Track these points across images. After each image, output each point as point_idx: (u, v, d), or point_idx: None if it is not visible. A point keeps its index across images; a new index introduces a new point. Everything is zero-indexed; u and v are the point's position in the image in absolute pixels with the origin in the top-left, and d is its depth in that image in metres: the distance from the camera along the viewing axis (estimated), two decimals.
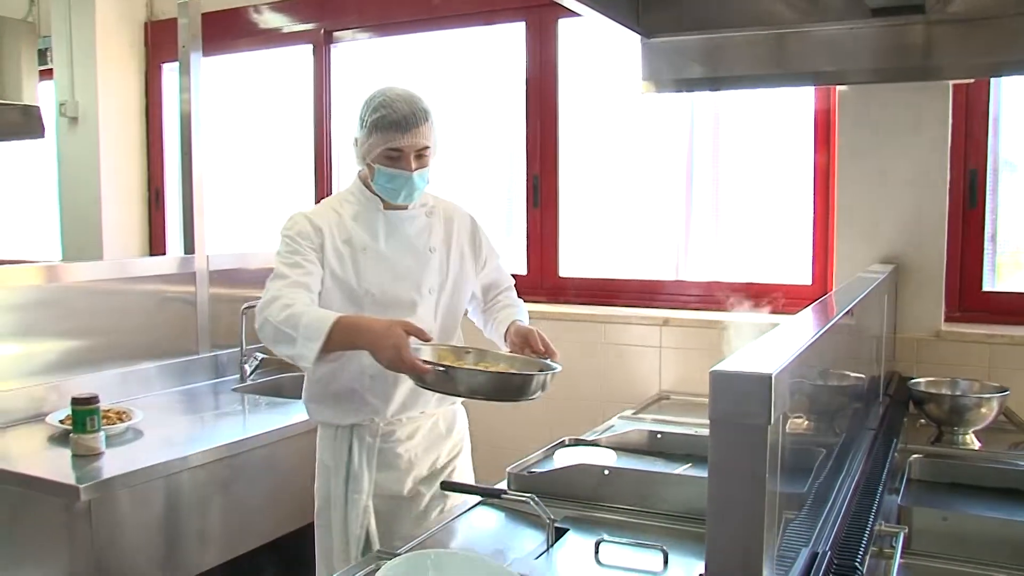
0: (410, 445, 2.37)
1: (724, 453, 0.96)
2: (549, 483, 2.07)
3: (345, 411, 2.32)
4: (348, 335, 2.05)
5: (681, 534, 1.88)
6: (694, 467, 2.29)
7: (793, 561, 1.22)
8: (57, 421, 2.87)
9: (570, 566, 1.73)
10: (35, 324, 3.08)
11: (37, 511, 2.46)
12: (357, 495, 2.31)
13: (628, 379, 3.32)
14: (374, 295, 2.26)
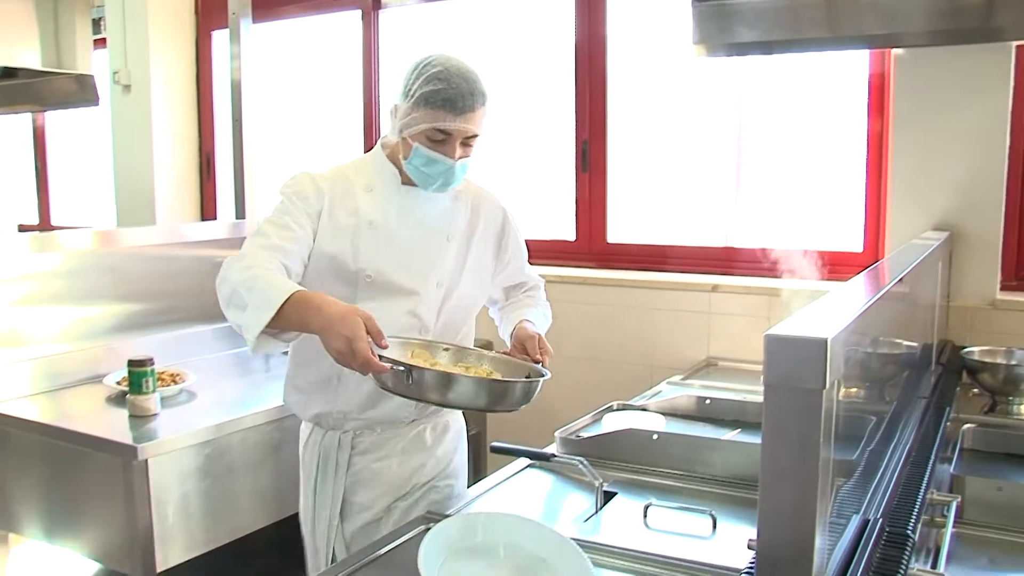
0: (384, 461, 2.07)
1: (778, 418, 0.95)
2: (598, 447, 2.07)
3: (316, 401, 2.07)
4: (300, 312, 1.71)
5: (729, 499, 1.88)
6: (743, 433, 2.29)
7: (844, 528, 1.21)
8: (114, 382, 2.93)
9: (618, 529, 1.74)
10: (91, 289, 3.13)
11: (95, 469, 2.51)
12: (323, 511, 2.09)
13: (676, 345, 3.30)
14: (371, 277, 1.97)
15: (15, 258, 2.90)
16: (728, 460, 1.96)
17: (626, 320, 3.40)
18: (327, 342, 1.67)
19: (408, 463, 2.09)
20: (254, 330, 1.73)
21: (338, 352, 1.65)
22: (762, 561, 0.99)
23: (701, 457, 1.99)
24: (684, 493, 1.92)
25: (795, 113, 3.34)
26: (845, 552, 1.22)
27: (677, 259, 3.49)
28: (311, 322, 1.70)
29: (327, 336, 1.67)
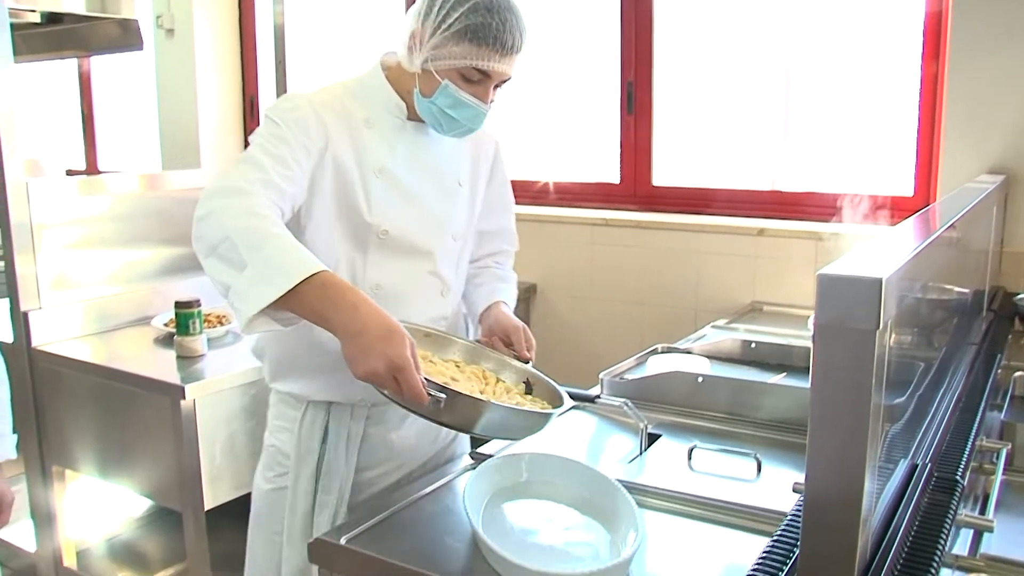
0: (403, 432, 1.84)
1: (829, 359, 0.94)
2: (642, 389, 2.07)
3: (325, 385, 1.75)
4: (321, 301, 1.36)
5: (774, 443, 1.86)
6: (788, 377, 2.27)
7: (892, 472, 1.20)
8: (161, 324, 2.97)
9: (663, 471, 1.74)
10: (138, 232, 3.17)
11: (145, 409, 2.56)
12: (327, 496, 1.75)
13: (721, 289, 3.28)
14: (388, 234, 1.69)
15: (64, 202, 2.94)
16: (773, 404, 1.95)
17: (671, 264, 3.38)
18: (358, 356, 1.35)
19: (428, 433, 1.88)
20: (253, 305, 1.35)
21: (372, 374, 1.35)
22: (810, 503, 0.98)
23: (746, 400, 1.98)
24: (728, 436, 1.91)
25: (846, 54, 3.26)
26: (893, 496, 1.21)
27: (723, 202, 3.46)
28: (334, 320, 1.36)
29: (360, 349, 1.35)
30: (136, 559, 3.11)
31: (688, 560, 1.40)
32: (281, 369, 1.80)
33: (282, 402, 1.83)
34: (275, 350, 1.80)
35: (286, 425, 1.81)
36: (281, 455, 1.82)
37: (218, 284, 1.43)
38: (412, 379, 1.35)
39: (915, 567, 1.07)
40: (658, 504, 1.57)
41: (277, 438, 1.83)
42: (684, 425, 1.97)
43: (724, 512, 1.53)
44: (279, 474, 1.81)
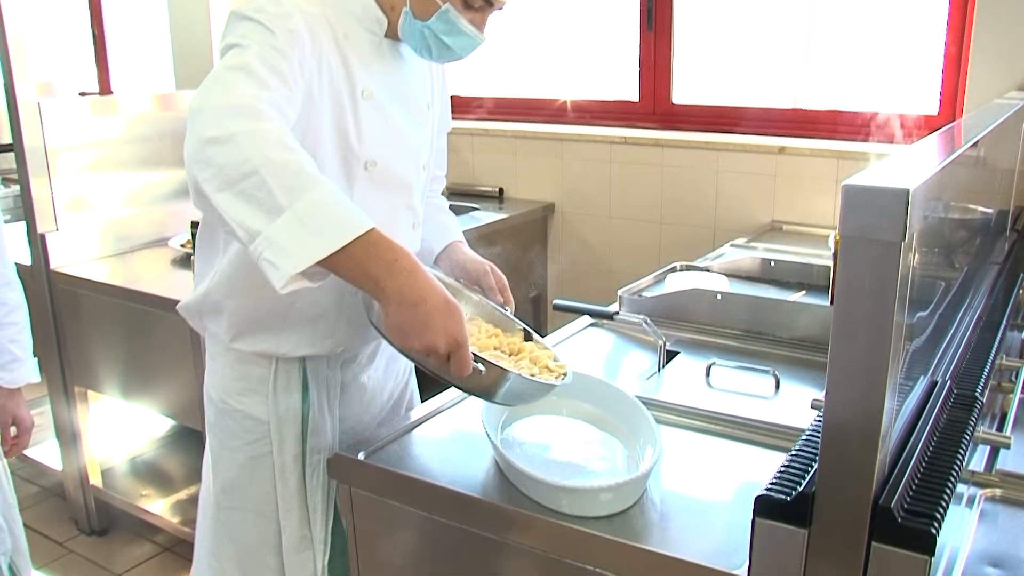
0: (372, 371, 1.73)
1: (853, 272, 0.92)
2: (661, 307, 2.06)
3: (302, 339, 1.58)
4: (376, 260, 1.22)
5: (792, 360, 1.86)
6: (808, 295, 2.25)
7: (911, 389, 1.19)
8: (178, 245, 2.97)
9: (681, 387, 1.74)
10: (153, 153, 3.15)
11: (164, 329, 2.57)
12: (318, 455, 1.61)
13: (741, 208, 3.25)
14: (375, 165, 1.51)
15: (77, 123, 2.91)
16: (792, 321, 1.94)
17: (690, 182, 3.34)
18: (415, 328, 1.23)
19: (393, 368, 1.79)
20: (297, 261, 1.19)
21: (431, 349, 1.24)
22: (829, 419, 0.97)
23: (765, 318, 1.97)
24: (747, 354, 1.90)
25: None
26: (911, 413, 1.20)
27: (744, 120, 3.40)
28: (388, 285, 1.22)
29: (419, 322, 1.23)
30: (159, 477, 3.16)
31: (705, 475, 1.40)
32: (246, 326, 1.58)
33: (243, 362, 1.61)
34: (238, 305, 1.56)
35: (252, 386, 1.61)
36: (251, 420, 1.61)
37: (237, 226, 1.21)
38: (467, 357, 1.26)
39: (932, 482, 1.07)
40: (676, 420, 1.58)
41: (242, 402, 1.62)
42: (702, 342, 1.97)
43: (742, 428, 1.53)
44: (250, 441, 1.62)
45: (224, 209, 1.22)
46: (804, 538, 1.02)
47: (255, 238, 1.20)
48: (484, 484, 1.36)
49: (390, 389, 1.79)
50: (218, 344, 1.64)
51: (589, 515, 1.24)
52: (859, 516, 0.98)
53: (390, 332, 1.27)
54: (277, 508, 1.62)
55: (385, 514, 1.43)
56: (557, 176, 3.66)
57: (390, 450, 1.48)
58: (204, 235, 1.60)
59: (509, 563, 1.32)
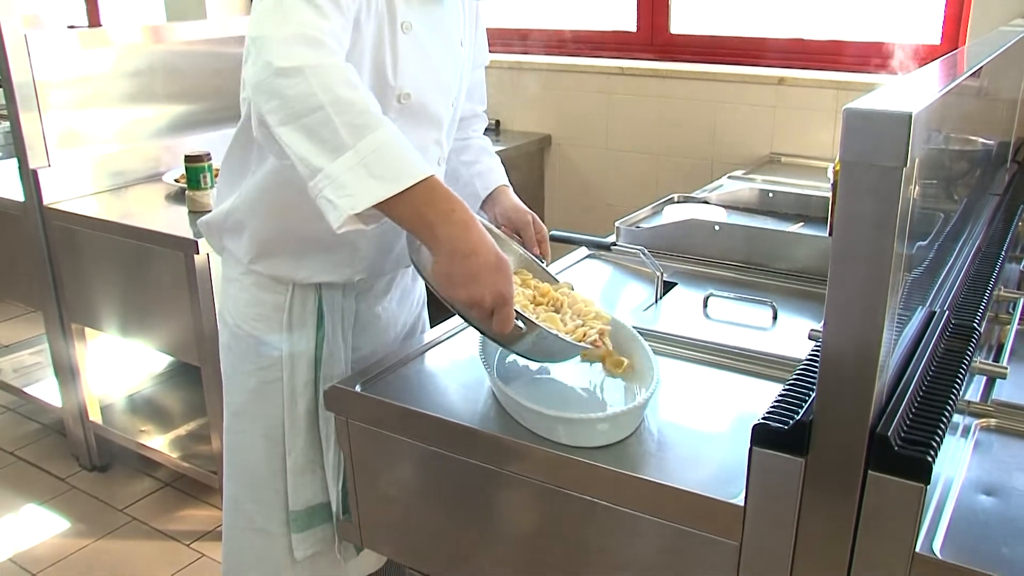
0: (386, 303, 1.76)
1: (853, 198, 0.91)
2: (658, 238, 2.05)
3: (321, 266, 1.59)
4: (434, 208, 1.23)
5: (790, 292, 1.86)
6: (806, 226, 2.25)
7: (909, 319, 1.19)
8: (172, 180, 2.95)
9: (678, 318, 1.73)
10: (145, 87, 3.10)
11: (159, 264, 2.56)
12: (332, 383, 1.55)
13: (739, 140, 3.22)
14: (409, 99, 1.49)
15: (67, 57, 2.86)
16: (790, 253, 1.93)
17: (688, 114, 3.31)
18: (463, 279, 1.24)
19: (406, 300, 1.82)
20: (358, 201, 1.20)
21: (476, 301, 1.24)
22: (827, 348, 0.97)
23: (763, 249, 1.96)
24: (745, 285, 1.90)
25: None
26: (909, 343, 1.20)
27: (742, 51, 3.35)
28: (441, 233, 1.23)
29: (468, 273, 1.23)
30: (159, 414, 3.17)
31: (703, 406, 1.41)
32: (267, 248, 1.58)
33: (259, 287, 1.62)
34: (261, 225, 1.57)
35: (267, 313, 1.62)
36: (264, 345, 1.63)
37: (298, 160, 1.23)
38: (511, 314, 1.26)
39: (929, 412, 1.07)
40: (673, 351, 1.58)
41: (256, 328, 1.63)
42: (700, 274, 1.96)
43: (739, 359, 1.53)
44: (263, 367, 1.64)
45: (287, 142, 1.23)
46: (801, 466, 1.02)
47: (316, 175, 1.21)
48: (482, 415, 1.37)
49: (403, 320, 1.82)
50: (235, 266, 1.65)
51: (586, 445, 1.25)
52: (856, 444, 0.99)
53: (437, 279, 1.26)
54: (284, 433, 1.64)
55: (382, 446, 1.44)
56: (554, 108, 3.62)
57: (387, 381, 1.48)
58: (234, 153, 1.59)
59: (506, 494, 1.33)
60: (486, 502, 1.36)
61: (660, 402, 1.40)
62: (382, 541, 1.55)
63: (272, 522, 1.69)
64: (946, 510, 1.10)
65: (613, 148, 3.52)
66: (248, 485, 1.71)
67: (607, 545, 1.24)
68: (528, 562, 1.35)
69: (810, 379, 1.12)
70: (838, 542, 1.03)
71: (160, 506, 2.94)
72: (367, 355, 1.71)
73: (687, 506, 1.15)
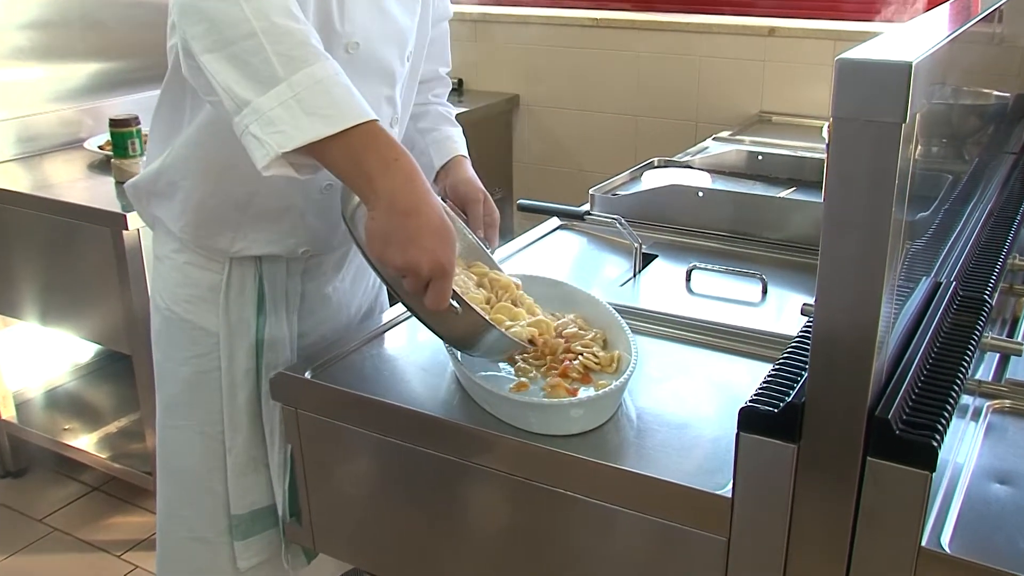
0: (338, 283, 1.72)
1: (848, 158, 0.91)
2: (637, 206, 2.06)
3: (263, 236, 1.55)
4: (375, 156, 1.20)
5: (781, 263, 1.87)
6: (799, 191, 2.26)
7: (912, 292, 1.20)
8: (96, 147, 2.91)
9: (659, 294, 1.74)
10: (63, 43, 3.06)
11: (84, 242, 2.54)
12: (276, 371, 1.54)
13: (725, 98, 3.23)
14: (357, 48, 1.45)
15: None
16: (781, 220, 1.94)
17: (669, 70, 3.31)
18: (399, 239, 1.20)
19: (361, 278, 1.79)
20: (289, 139, 1.17)
21: (410, 267, 1.20)
22: (820, 324, 0.98)
23: (751, 217, 1.97)
24: (732, 256, 1.91)
25: None
26: (912, 317, 1.21)
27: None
28: (380, 185, 1.20)
29: (406, 234, 1.19)
30: (83, 410, 3.14)
31: (686, 388, 1.42)
32: (201, 215, 1.54)
33: (193, 264, 1.59)
34: (195, 188, 1.52)
35: (202, 294, 1.60)
36: (199, 331, 1.60)
37: (224, 92, 1.20)
38: (448, 288, 1.22)
39: (934, 391, 1.08)
40: (654, 329, 1.58)
41: (190, 311, 1.61)
42: (682, 244, 1.97)
43: (725, 337, 1.54)
44: (198, 355, 1.61)
45: (212, 72, 1.20)
46: (793, 453, 1.03)
47: (242, 108, 1.18)
48: (445, 403, 1.37)
49: (358, 303, 1.79)
50: (166, 242, 1.62)
51: (559, 433, 1.25)
52: (853, 428, 0.99)
53: (370, 238, 1.23)
54: (223, 428, 1.63)
55: (336, 439, 1.44)
56: (521, 64, 3.62)
57: (341, 367, 1.48)
58: (164, 106, 1.56)
59: (473, 487, 1.33)
60: (452, 498, 1.36)
61: (639, 385, 1.40)
62: (337, 544, 1.55)
63: (212, 528, 1.67)
64: (955, 500, 1.10)
65: (588, 108, 3.52)
66: (184, 488, 1.69)
67: (583, 542, 1.25)
68: (499, 562, 1.36)
69: (802, 358, 1.13)
70: (836, 536, 1.04)
71: (86, 514, 2.91)
72: (316, 341, 1.69)
73: (670, 498, 1.16)
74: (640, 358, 1.36)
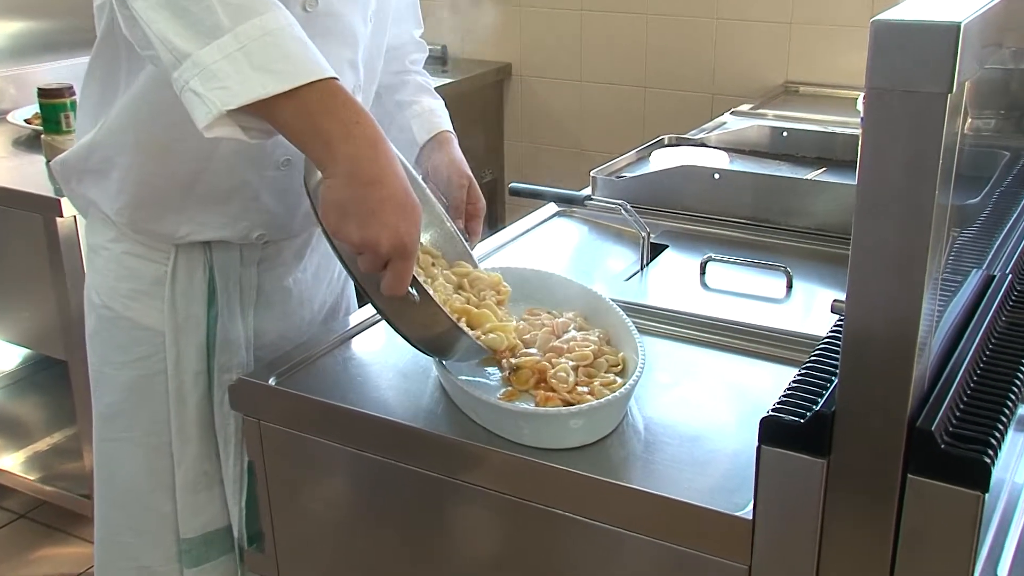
0: (299, 273, 1.72)
1: (885, 134, 0.91)
2: (645, 190, 2.07)
3: (211, 220, 1.55)
4: (332, 117, 1.19)
5: (809, 254, 1.88)
6: (828, 172, 2.27)
7: (959, 286, 1.20)
8: (22, 120, 2.91)
9: (669, 289, 1.75)
10: None
11: (10, 231, 2.53)
12: (229, 375, 1.60)
13: (747, 66, 3.24)
14: (315, 6, 1.44)
15: None
16: (809, 205, 1.95)
17: (682, 35, 3.32)
18: (359, 212, 1.19)
19: (324, 269, 1.80)
20: (235, 95, 1.15)
21: (369, 243, 1.20)
22: (853, 322, 0.98)
23: (775, 202, 1.98)
24: (752, 246, 1.92)
25: None
26: (959, 316, 1.21)
27: None
28: (339, 149, 1.19)
29: (367, 207, 1.19)
30: (9, 425, 3.13)
31: (700, 394, 1.42)
32: (140, 196, 1.53)
33: (133, 255, 1.59)
34: (133, 165, 1.50)
35: (143, 287, 1.59)
36: (142, 330, 1.60)
37: (161, 44, 1.18)
38: (408, 271, 1.22)
39: (986, 400, 1.07)
40: (663, 329, 1.59)
41: (131, 308, 1.60)
42: (696, 233, 1.99)
43: (745, 337, 1.55)
44: (140, 357, 1.61)
45: (148, 21, 1.18)
46: (822, 469, 1.03)
47: (182, 62, 1.17)
48: (428, 412, 1.37)
49: (321, 298, 1.79)
50: (102, 230, 1.61)
51: (557, 447, 1.25)
52: (891, 441, 0.99)
53: (326, 209, 1.23)
54: (171, 439, 1.62)
55: (304, 453, 1.44)
56: (514, 30, 3.62)
57: (309, 372, 1.48)
58: (97, 69, 1.55)
59: (459, 508, 1.34)
60: (435, 520, 1.37)
61: (647, 392, 1.41)
62: (304, 573, 1.55)
63: (159, 556, 1.67)
64: (1014, 526, 1.10)
65: (589, 79, 3.53)
66: (126, 510, 1.68)
67: (584, 570, 1.26)
68: None
69: (832, 361, 1.13)
70: (872, 564, 1.03)
71: (12, 545, 2.89)
72: (275, 341, 1.68)
73: (682, 520, 1.16)
74: (648, 361, 1.36)
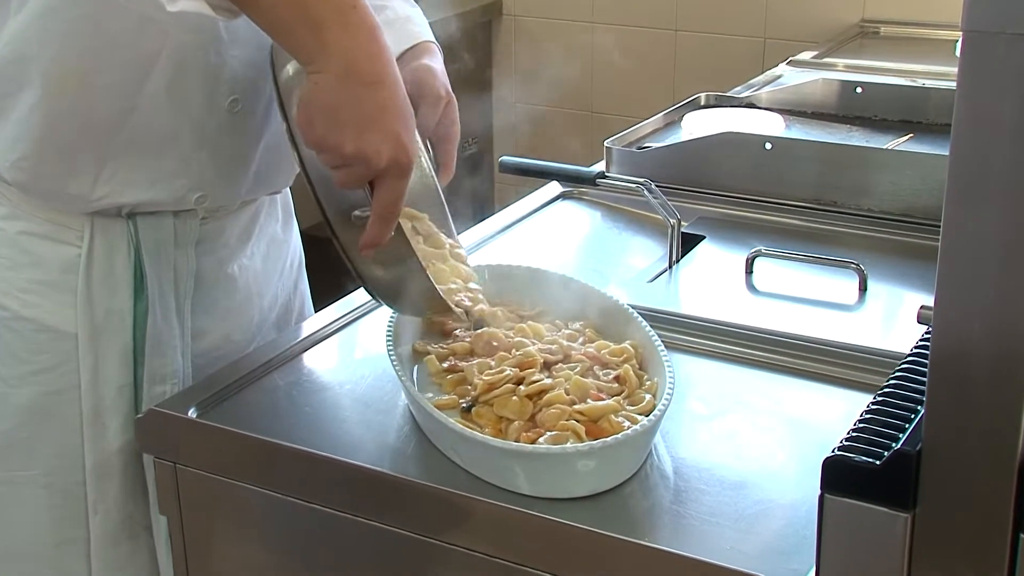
0: (245, 259, 1.72)
1: (985, 89, 0.91)
2: (674, 164, 2.07)
3: (137, 178, 1.52)
4: (320, 9, 1.23)
5: (885, 245, 1.89)
6: (915, 141, 2.27)
7: None
8: None
9: (706, 293, 1.76)
10: None
11: None
12: (163, 387, 1.60)
13: (807, 2, 3.24)
14: None
15: None
16: (889, 184, 1.95)
17: None
18: (356, 119, 1.23)
19: (275, 256, 1.81)
20: None
21: (360, 154, 1.24)
22: (943, 339, 0.97)
23: (844, 179, 1.99)
24: (813, 237, 1.93)
25: None
26: None
27: None
28: (331, 40, 1.23)
29: (365, 113, 1.24)
30: None
31: (747, 429, 1.42)
32: (43, 145, 1.49)
33: (34, 235, 1.57)
34: (38, 102, 1.46)
35: (49, 277, 1.57)
36: (47, 333, 1.57)
37: None
38: (404, 189, 1.27)
39: None
40: (699, 344, 1.59)
41: (33, 304, 1.57)
42: (741, 220, 2.00)
43: (804, 355, 1.55)
44: (44, 368, 1.58)
45: None
46: (905, 525, 1.02)
47: None
48: (396, 453, 1.37)
49: (273, 291, 1.79)
50: None
51: (561, 495, 1.25)
52: (998, 490, 0.98)
53: (310, 113, 1.25)
54: (84, 477, 1.59)
55: (235, 506, 1.44)
56: None
57: (241, 400, 1.48)
58: None
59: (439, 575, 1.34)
60: None
61: (678, 426, 1.41)
62: None
63: None
64: None
65: (602, 20, 3.53)
66: (23, 572, 1.67)
67: None
68: None
69: (918, 385, 1.13)
70: None
71: None
72: (218, 344, 1.68)
73: None
74: (679, 386, 1.36)
